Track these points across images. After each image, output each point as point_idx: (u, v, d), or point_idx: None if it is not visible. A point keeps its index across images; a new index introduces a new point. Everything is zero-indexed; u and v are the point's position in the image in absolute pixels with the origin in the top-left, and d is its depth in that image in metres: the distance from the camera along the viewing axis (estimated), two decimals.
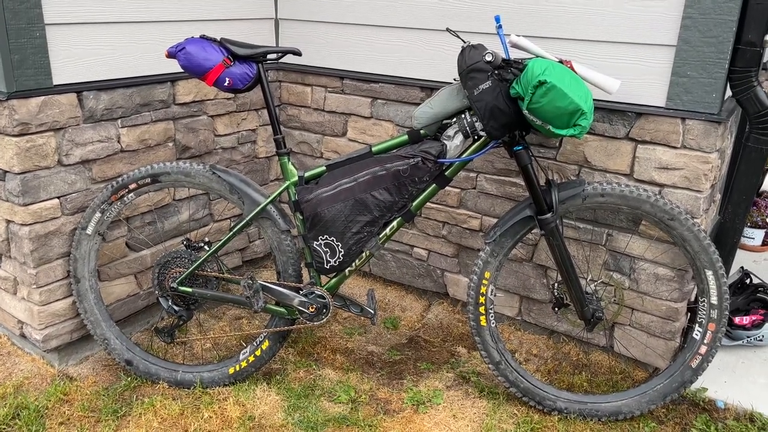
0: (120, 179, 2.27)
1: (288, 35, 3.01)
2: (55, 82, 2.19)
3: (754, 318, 2.57)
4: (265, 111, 3.04)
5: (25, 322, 2.40)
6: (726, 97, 2.20)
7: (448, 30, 2.07)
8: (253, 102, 2.97)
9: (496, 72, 1.91)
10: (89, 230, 2.29)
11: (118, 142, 2.42)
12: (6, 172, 2.17)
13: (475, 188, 2.68)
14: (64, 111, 2.21)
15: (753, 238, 3.51)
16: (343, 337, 2.72)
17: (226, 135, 2.87)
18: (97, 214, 2.29)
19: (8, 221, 2.26)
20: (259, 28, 2.93)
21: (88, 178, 2.35)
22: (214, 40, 2.16)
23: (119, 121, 2.41)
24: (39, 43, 2.11)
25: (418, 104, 2.70)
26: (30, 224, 2.20)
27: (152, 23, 2.47)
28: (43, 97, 2.14)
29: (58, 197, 2.27)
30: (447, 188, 2.72)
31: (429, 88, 2.66)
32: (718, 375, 2.44)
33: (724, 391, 2.36)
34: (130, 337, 2.59)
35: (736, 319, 2.57)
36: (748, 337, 2.57)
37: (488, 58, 1.88)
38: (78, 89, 2.25)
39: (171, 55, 2.14)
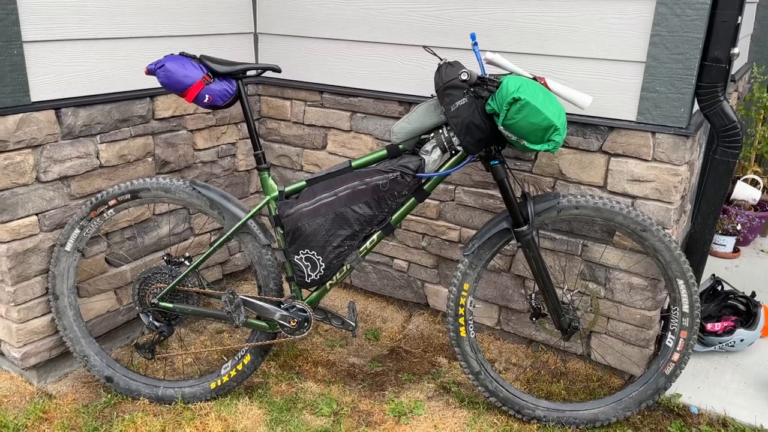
0: (99, 195, 2.27)
1: (267, 49, 3.03)
2: (33, 99, 2.19)
3: (725, 324, 2.64)
4: (245, 125, 3.05)
5: (3, 340, 2.38)
6: (694, 111, 2.27)
7: (425, 48, 2.12)
8: (233, 116, 2.98)
9: (471, 89, 1.96)
10: (68, 247, 2.29)
11: (97, 158, 2.42)
12: None
13: (453, 200, 2.72)
14: (42, 128, 2.21)
15: (724, 245, 3.60)
16: (324, 349, 2.74)
17: (205, 149, 2.88)
18: (76, 231, 2.28)
19: None
20: (239, 43, 2.95)
21: (66, 194, 2.34)
22: (193, 57, 2.17)
23: (98, 137, 2.41)
24: (17, 61, 2.11)
25: (397, 118, 2.74)
26: (8, 242, 2.19)
27: (131, 39, 2.48)
28: (21, 115, 2.14)
29: (37, 214, 2.26)
30: (426, 200, 2.76)
31: (407, 102, 2.70)
32: (691, 381, 2.50)
33: (698, 396, 2.42)
34: (110, 353, 2.58)
35: (708, 326, 2.64)
36: (720, 343, 2.64)
37: (464, 77, 1.93)
38: (56, 106, 2.25)
39: (150, 72, 2.15)
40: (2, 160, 2.12)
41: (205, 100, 2.14)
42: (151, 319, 2.33)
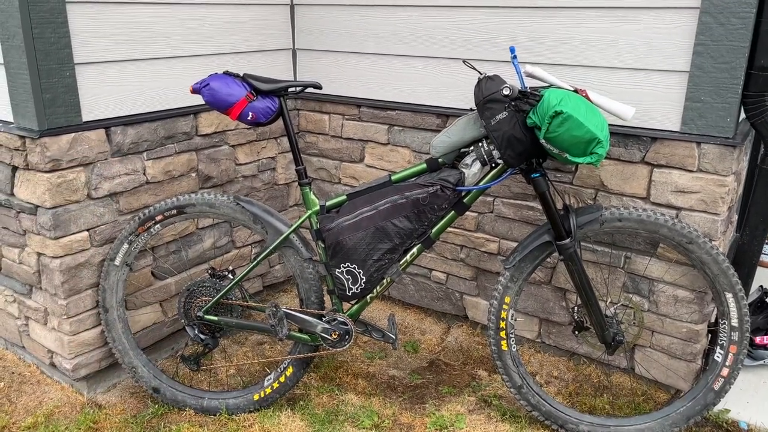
0: (147, 211, 2.34)
1: (305, 65, 3.08)
2: (84, 119, 2.27)
3: None
4: (284, 138, 3.11)
5: (55, 352, 2.46)
6: (740, 121, 2.23)
7: (464, 62, 2.13)
8: (273, 131, 3.04)
9: (512, 103, 1.96)
10: (117, 261, 2.36)
11: (144, 174, 2.49)
12: (38, 206, 2.24)
13: (492, 212, 2.71)
14: (93, 146, 2.29)
15: None
16: (364, 361, 2.75)
17: (246, 163, 2.94)
18: (125, 246, 2.35)
19: (39, 254, 2.33)
20: (278, 59, 3.01)
21: (115, 210, 2.42)
22: (237, 76, 2.23)
23: (145, 154, 2.48)
24: (69, 83, 2.19)
25: (434, 130, 2.75)
26: (61, 257, 2.27)
27: (175, 59, 2.55)
28: (73, 134, 2.22)
29: (88, 230, 2.34)
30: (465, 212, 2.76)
31: (444, 114, 2.71)
32: (740, 395, 2.43)
33: (747, 412, 2.35)
34: (156, 364, 2.64)
35: (757, 339, 2.57)
36: None
37: (506, 92, 1.93)
38: (106, 125, 2.32)
39: (196, 91, 2.21)
40: (56, 178, 2.20)
41: (249, 118, 2.19)
42: (196, 331, 2.38)
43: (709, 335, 2.43)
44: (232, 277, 2.37)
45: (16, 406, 2.42)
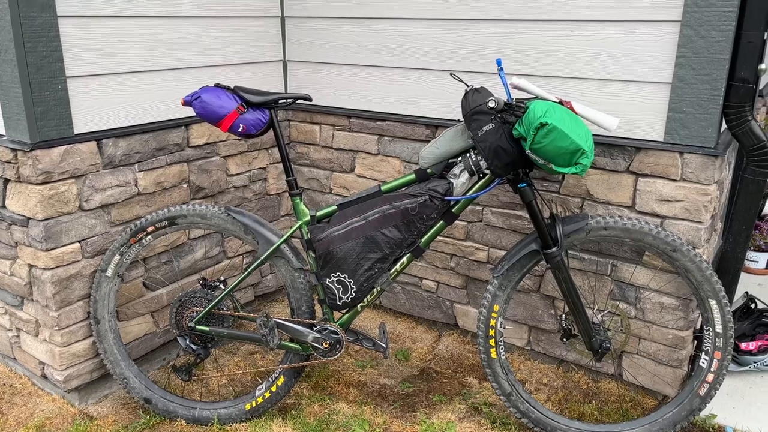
0: (138, 222, 2.35)
1: (296, 76, 3.11)
2: (76, 132, 2.28)
3: (760, 343, 2.61)
4: (275, 149, 3.13)
5: (46, 363, 2.46)
6: (722, 131, 2.27)
7: (451, 74, 2.17)
8: (264, 141, 3.06)
9: (498, 115, 2.00)
10: (109, 272, 2.37)
11: (136, 185, 2.51)
12: (29, 218, 2.26)
13: (481, 221, 2.75)
14: (84, 159, 2.31)
15: (757, 262, 3.55)
16: (355, 370, 2.77)
17: (238, 174, 2.96)
18: (117, 257, 2.36)
19: (31, 266, 2.34)
20: (268, 71, 3.04)
21: (107, 221, 2.43)
22: (227, 88, 2.25)
23: (136, 165, 2.50)
24: (61, 96, 2.21)
25: (424, 141, 2.79)
26: (52, 268, 2.28)
27: (167, 71, 2.57)
28: (65, 147, 2.24)
29: (79, 241, 2.35)
30: (454, 221, 2.79)
31: (433, 125, 2.74)
32: (726, 401, 2.47)
33: (733, 417, 2.39)
34: (147, 375, 2.65)
35: (743, 345, 2.60)
36: (755, 362, 2.60)
37: (491, 104, 1.96)
38: (98, 137, 2.34)
39: (187, 103, 2.23)
40: (48, 190, 2.21)
41: (240, 130, 2.21)
42: (188, 342, 2.39)
43: (695, 341, 2.46)
44: (223, 288, 2.39)
45: (8, 417, 2.42)
